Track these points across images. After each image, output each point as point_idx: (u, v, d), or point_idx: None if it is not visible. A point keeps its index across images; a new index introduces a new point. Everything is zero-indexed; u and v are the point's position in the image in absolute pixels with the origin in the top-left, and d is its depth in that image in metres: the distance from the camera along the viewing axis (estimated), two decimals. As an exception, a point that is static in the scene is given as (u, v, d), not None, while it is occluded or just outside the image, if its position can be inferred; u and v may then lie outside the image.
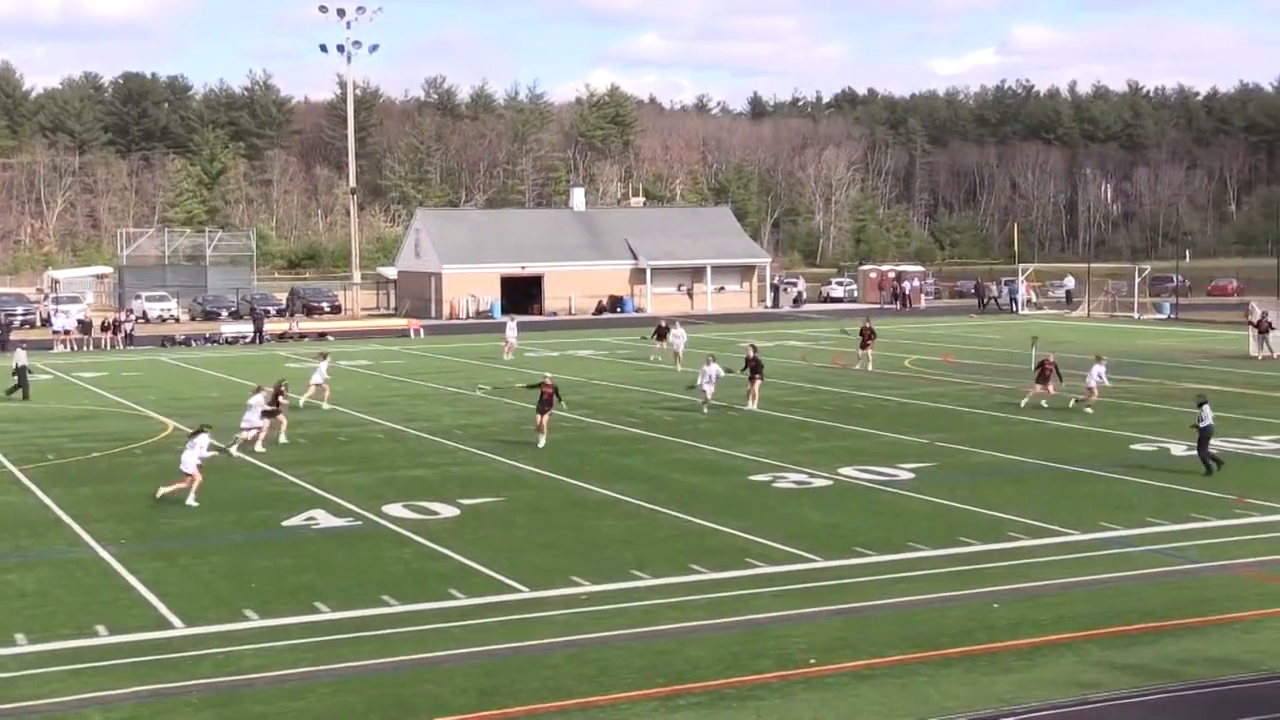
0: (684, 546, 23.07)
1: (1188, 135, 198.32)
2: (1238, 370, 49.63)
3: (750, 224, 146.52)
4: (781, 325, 76.02)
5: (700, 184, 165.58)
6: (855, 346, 52.75)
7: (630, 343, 64.27)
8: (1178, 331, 68.28)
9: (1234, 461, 30.47)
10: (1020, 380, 46.84)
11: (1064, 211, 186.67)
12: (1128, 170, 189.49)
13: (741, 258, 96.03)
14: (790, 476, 29.28)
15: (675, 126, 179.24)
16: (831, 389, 44.26)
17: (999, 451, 32.10)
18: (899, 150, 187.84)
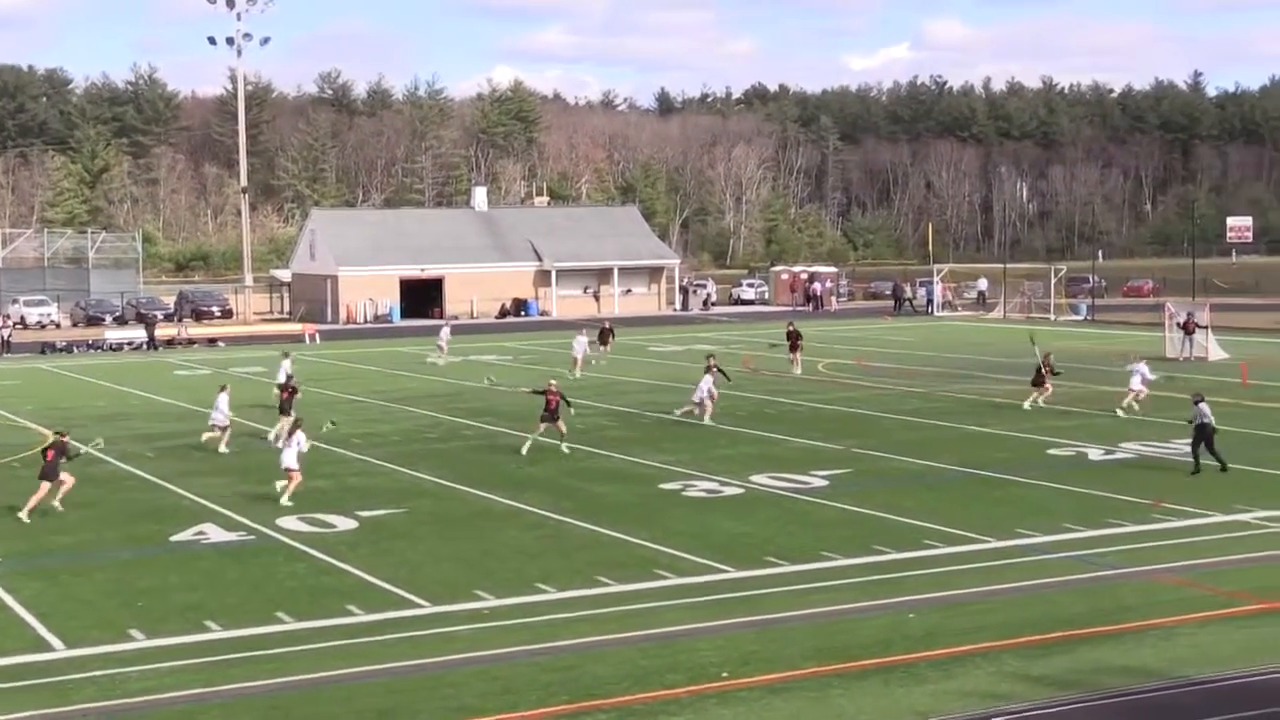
0: (591, 558, 23.05)
1: (1103, 133, 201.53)
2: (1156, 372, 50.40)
3: (658, 224, 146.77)
4: (691, 328, 76.25)
5: (607, 183, 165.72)
6: (784, 353, 53.13)
7: (535, 347, 64.17)
8: (1094, 333, 69.30)
9: (1151, 466, 30.99)
10: (934, 384, 47.34)
11: (979, 211, 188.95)
12: (1043, 169, 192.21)
13: (649, 259, 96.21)
14: (701, 485, 29.37)
15: (581, 123, 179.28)
16: (743, 394, 44.45)
17: (914, 457, 32.41)
18: (811, 148, 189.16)
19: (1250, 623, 18.75)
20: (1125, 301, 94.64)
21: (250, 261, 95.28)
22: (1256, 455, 31.76)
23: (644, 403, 43.58)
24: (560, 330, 75.85)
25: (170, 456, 33.57)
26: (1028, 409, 39.55)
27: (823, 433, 36.28)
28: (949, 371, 51.74)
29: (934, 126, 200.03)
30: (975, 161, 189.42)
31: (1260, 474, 29.67)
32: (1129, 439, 34.40)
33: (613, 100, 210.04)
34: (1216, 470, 29.81)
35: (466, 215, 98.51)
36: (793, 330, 52.96)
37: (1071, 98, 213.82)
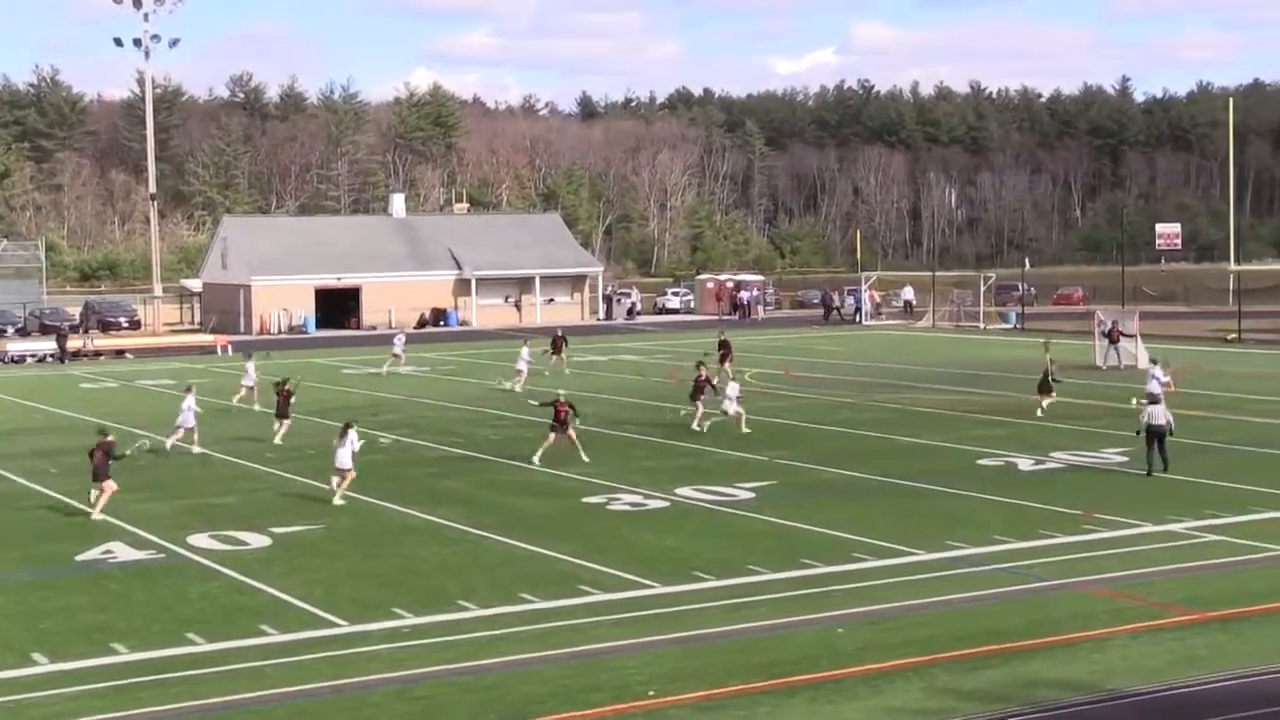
0: (513, 574, 22.99)
1: (1031, 138, 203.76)
2: (1086, 381, 51.04)
3: (581, 231, 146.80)
4: (615, 338, 76.28)
5: (528, 189, 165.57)
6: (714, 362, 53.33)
7: (455, 358, 63.98)
8: (1024, 342, 69.93)
9: (1082, 475, 31.34)
10: (863, 394, 47.64)
11: (907, 218, 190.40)
12: (972, 175, 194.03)
13: (572, 267, 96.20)
14: (625, 498, 29.38)
15: (502, 128, 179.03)
16: (669, 404, 44.50)
17: (842, 468, 32.59)
18: (736, 154, 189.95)
19: (1181, 634, 19.00)
20: (1055, 309, 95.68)
21: (159, 271, 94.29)
22: (1185, 465, 32.20)
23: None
24: (480, 341, 75.67)
25: (76, 473, 33.14)
26: (1040, 416, 39.93)
27: (749, 444, 36.40)
28: (877, 381, 52.09)
29: (861, 132, 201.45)
30: (903, 167, 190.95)
31: (1189, 483, 30.08)
32: (1059, 448, 34.77)
33: (534, 104, 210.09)
34: (1155, 470, 30.67)
35: (384, 223, 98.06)
36: (724, 340, 53.26)
37: (1000, 103, 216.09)
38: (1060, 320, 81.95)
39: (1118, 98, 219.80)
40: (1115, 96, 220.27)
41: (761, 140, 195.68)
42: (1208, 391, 46.84)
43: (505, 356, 65.42)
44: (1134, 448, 34.61)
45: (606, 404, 45.84)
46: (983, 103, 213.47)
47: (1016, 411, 42.14)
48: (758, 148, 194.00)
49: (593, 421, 41.38)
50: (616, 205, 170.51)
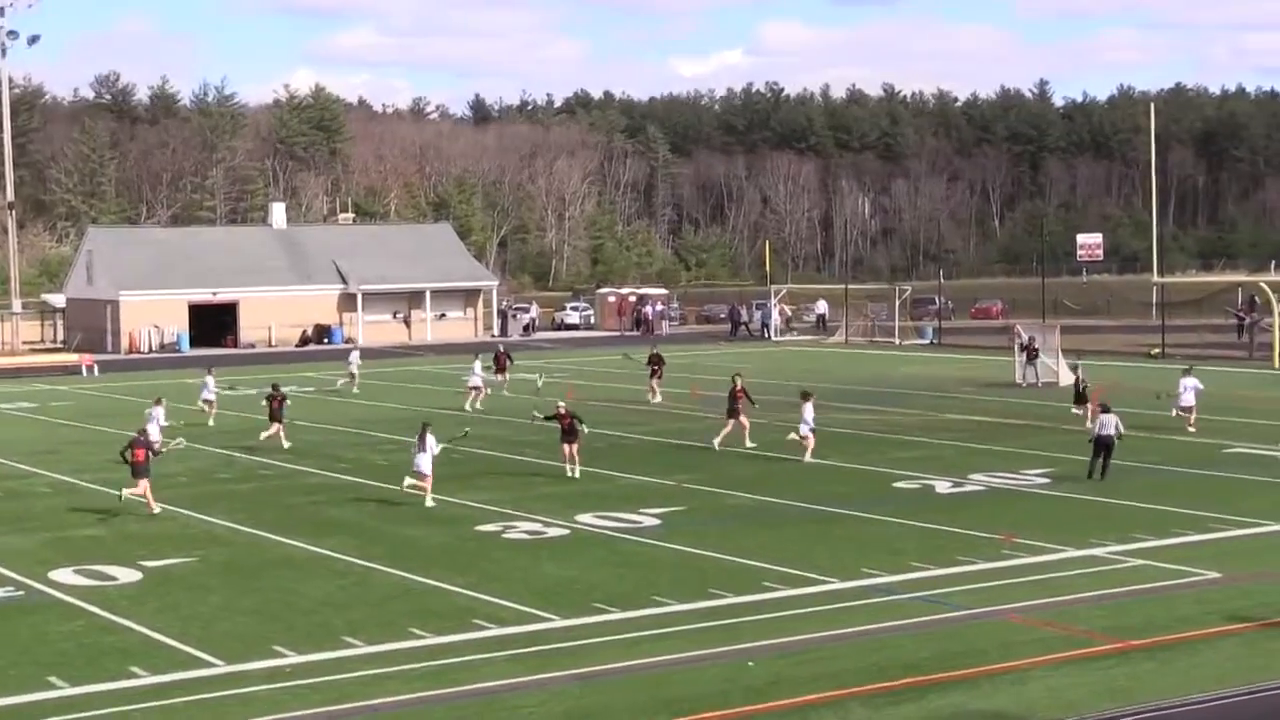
0: (403, 608, 22.85)
1: (948, 145, 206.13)
2: (1004, 399, 51.63)
3: (474, 243, 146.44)
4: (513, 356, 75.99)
5: (418, 198, 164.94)
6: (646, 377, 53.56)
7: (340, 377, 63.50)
8: (941, 358, 70.72)
9: (1002, 498, 31.67)
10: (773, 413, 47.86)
11: (819, 228, 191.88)
12: (886, 182, 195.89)
13: (465, 281, 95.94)
14: (522, 526, 29.29)
15: (389, 133, 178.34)
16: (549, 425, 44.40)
17: (752, 493, 32.70)
18: (639, 160, 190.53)
19: (1105, 663, 19.23)
20: (973, 324, 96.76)
21: (18, 285, 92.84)
22: (1109, 486, 32.64)
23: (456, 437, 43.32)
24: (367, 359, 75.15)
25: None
26: (1085, 422, 40.78)
27: (654, 467, 36.45)
28: (788, 400, 52.32)
29: (770, 137, 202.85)
30: (814, 175, 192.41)
31: (1113, 505, 30.48)
32: (977, 470, 35.13)
33: (424, 108, 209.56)
34: (1094, 476, 32.46)
35: (263, 234, 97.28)
36: (656, 354, 53.58)
37: (915, 107, 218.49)
38: (978, 335, 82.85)
39: (1036, 102, 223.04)
40: (1034, 101, 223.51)
41: (665, 146, 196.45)
42: (1131, 409, 47.43)
43: (396, 375, 65.14)
44: (1056, 469, 35.07)
45: (504, 426, 45.71)
46: (897, 107, 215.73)
47: (933, 431, 42.51)
48: (661, 154, 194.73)
49: (486, 444, 41.26)
50: (512, 215, 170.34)
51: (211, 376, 49.16)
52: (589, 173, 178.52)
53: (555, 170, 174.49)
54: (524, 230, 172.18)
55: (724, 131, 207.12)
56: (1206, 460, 36.34)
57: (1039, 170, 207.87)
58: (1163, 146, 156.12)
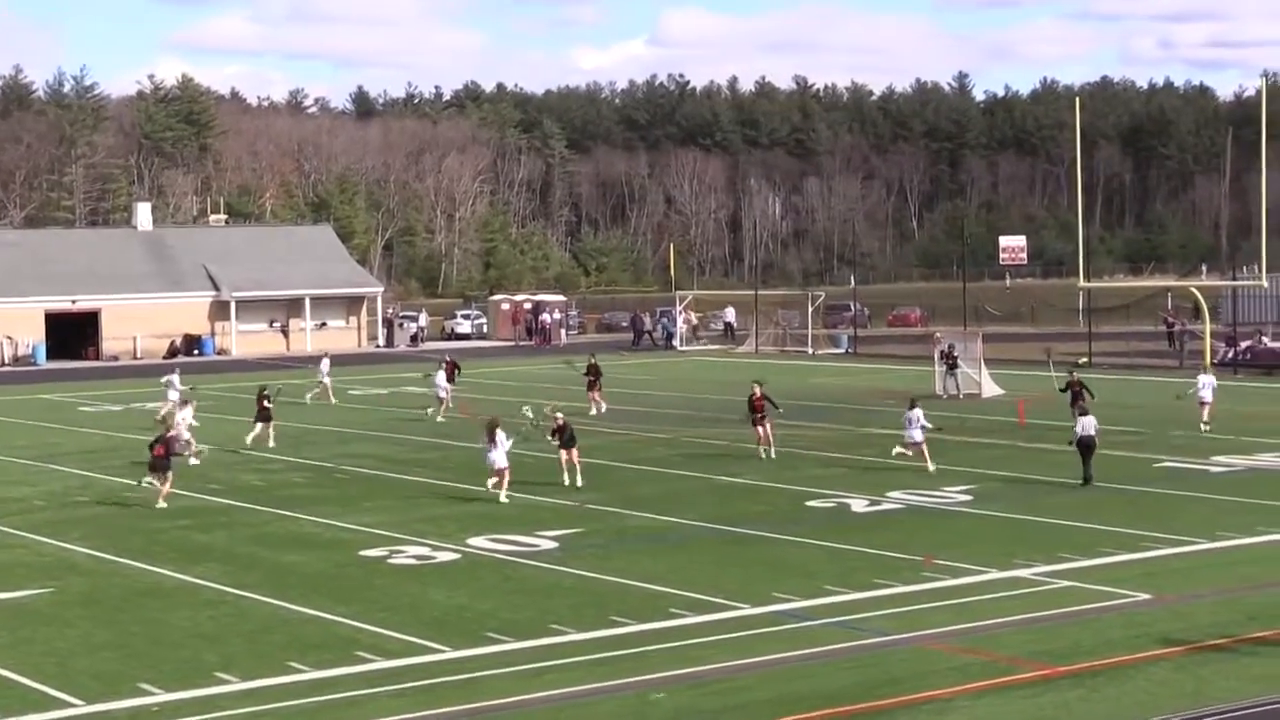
0: (280, 640, 22.66)
1: (863, 141, 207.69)
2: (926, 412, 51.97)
3: (357, 246, 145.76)
4: (397, 368, 75.69)
5: (296, 198, 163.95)
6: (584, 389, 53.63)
7: (212, 392, 62.96)
8: (857, 368, 71.14)
9: (921, 517, 31.90)
10: (679, 428, 47.95)
11: (727, 230, 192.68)
12: (797, 181, 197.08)
13: (347, 287, 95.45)
14: (409, 550, 29.15)
15: (265, 128, 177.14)
16: (458, 443, 44.32)
17: (657, 513, 32.73)
18: (534, 157, 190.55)
19: (1031, 691, 19.39)
20: (891, 332, 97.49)
21: None
22: (1036, 504, 32.98)
23: (339, 455, 43.14)
24: (242, 372, 74.55)
25: None
26: None
27: (551, 487, 36.39)
28: (695, 414, 52.48)
29: (674, 133, 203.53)
30: (721, 173, 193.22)
31: (1038, 524, 30.78)
32: (895, 487, 35.35)
33: (302, 101, 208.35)
34: (1078, 485, 34.03)
35: (127, 236, 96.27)
36: (593, 364, 53.70)
37: (828, 101, 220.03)
38: (896, 343, 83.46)
39: (956, 96, 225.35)
40: (953, 95, 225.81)
41: (562, 142, 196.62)
42: (1057, 422, 47.96)
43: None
44: (978, 486, 35.38)
45: (389, 444, 45.49)
46: (809, 101, 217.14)
47: (849, 446, 42.75)
48: (558, 151, 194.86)
49: (372, 463, 41.05)
50: (398, 216, 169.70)
51: (177, 375, 51.10)
52: (481, 171, 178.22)
53: (444, 168, 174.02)
54: (411, 233, 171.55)
55: (625, 127, 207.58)
56: (1137, 476, 36.79)
57: (959, 168, 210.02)
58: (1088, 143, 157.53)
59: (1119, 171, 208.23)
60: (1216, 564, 27.00)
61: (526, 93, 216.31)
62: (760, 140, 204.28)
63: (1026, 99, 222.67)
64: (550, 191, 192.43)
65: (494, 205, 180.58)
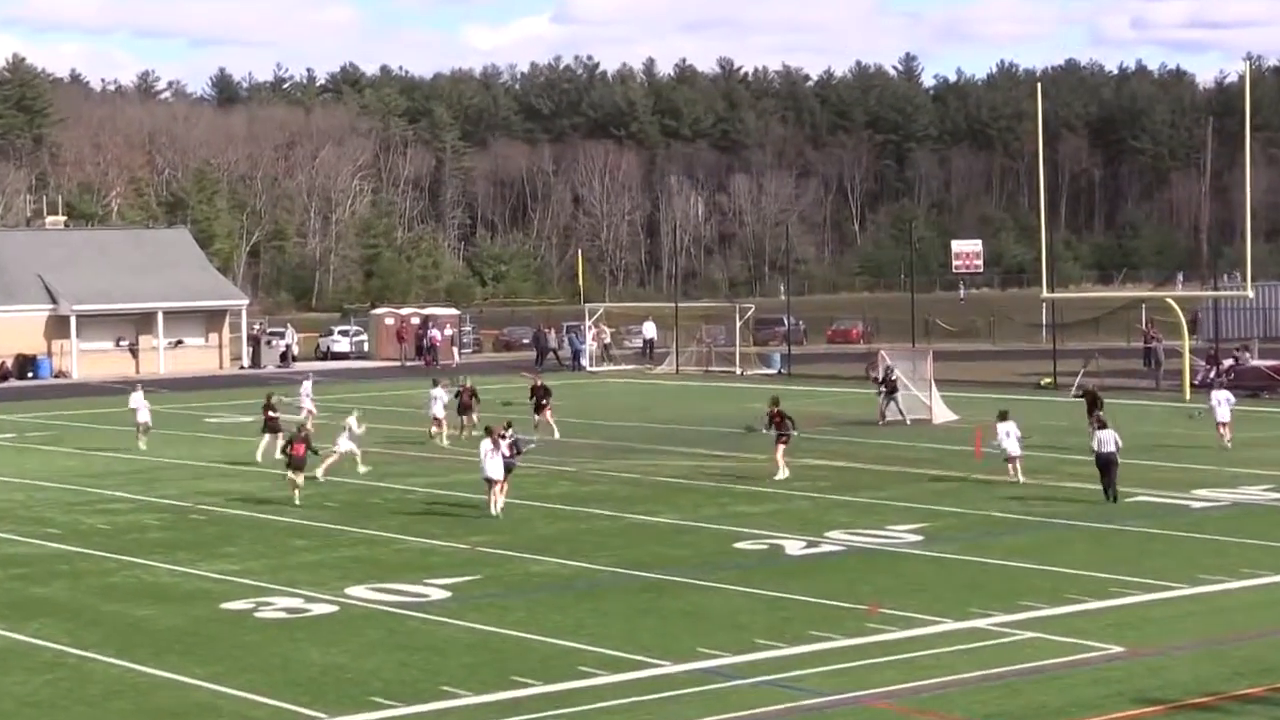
0: (128, 708, 22.48)
1: (798, 133, 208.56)
2: (867, 440, 52.26)
3: (218, 253, 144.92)
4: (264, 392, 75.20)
5: (147, 197, 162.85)
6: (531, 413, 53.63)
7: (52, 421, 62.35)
8: (792, 390, 71.25)
9: (866, 560, 32.01)
10: (589, 460, 47.90)
11: (643, 234, 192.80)
12: (723, 179, 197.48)
13: (207, 299, 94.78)
14: (279, 601, 28.99)
15: (110, 116, 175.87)
16: (340, 478, 44.12)
17: (563, 557, 32.68)
18: (423, 151, 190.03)
19: (991, 758, 19.50)
20: (830, 349, 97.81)
21: None
22: (995, 545, 33.18)
23: (197, 493, 42.82)
24: (85, 397, 73.91)
25: None
26: None
27: (442, 527, 36.29)
28: (607, 443, 52.46)
29: (582, 124, 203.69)
30: (636, 169, 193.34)
31: (1001, 568, 30.96)
32: (836, 526, 35.46)
33: (153, 85, 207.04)
34: (1103, 500, 35.85)
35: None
36: (539, 386, 53.76)
37: (757, 88, 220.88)
38: (836, 362, 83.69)
39: (902, 82, 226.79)
40: (899, 81, 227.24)
41: (455, 134, 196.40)
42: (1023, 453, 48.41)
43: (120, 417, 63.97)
44: (929, 524, 35.57)
45: (254, 479, 45.22)
46: (735, 87, 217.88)
47: (781, 480, 42.84)
48: (450, 143, 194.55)
49: (237, 502, 40.78)
50: (265, 218, 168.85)
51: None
52: (361, 166, 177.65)
53: (319, 163, 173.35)
54: (281, 237, 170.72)
55: (526, 116, 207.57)
56: (1107, 511, 37.06)
57: (906, 164, 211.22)
58: (1051, 135, 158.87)
59: (1087, 167, 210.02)
60: (1197, 612, 27.24)
61: (413, 77, 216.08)
62: (680, 132, 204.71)
63: (982, 85, 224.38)
64: (441, 190, 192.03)
65: (376, 206, 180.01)
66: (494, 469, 37.11)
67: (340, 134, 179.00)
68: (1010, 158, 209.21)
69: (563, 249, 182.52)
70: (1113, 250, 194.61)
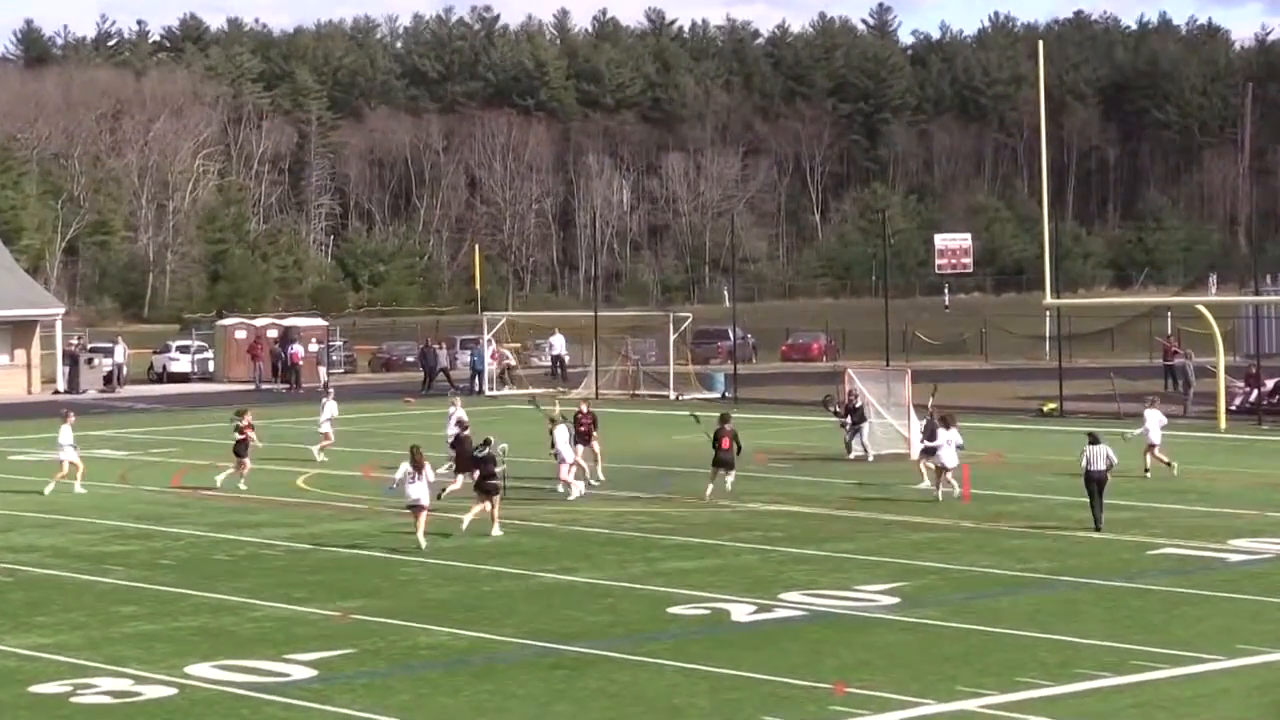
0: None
1: (746, 102, 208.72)
2: (831, 480, 52.32)
3: (26, 250, 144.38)
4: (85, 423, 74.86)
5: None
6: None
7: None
8: (739, 418, 71.24)
9: (829, 628, 32.03)
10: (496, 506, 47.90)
11: (556, 225, 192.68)
12: (654, 158, 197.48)
13: (11, 308, 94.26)
14: (102, 683, 28.80)
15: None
16: (179, 528, 43.93)
17: (457, 626, 32.57)
18: (282, 123, 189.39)
19: None
20: (785, 368, 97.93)
21: None
22: (988, 608, 33.27)
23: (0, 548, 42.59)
24: None
25: None
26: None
27: (306, 589, 36.13)
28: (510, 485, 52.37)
29: (480, 90, 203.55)
30: (547, 147, 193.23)
31: (995, 636, 31.02)
32: (793, 586, 35.47)
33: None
34: (1094, 530, 36.34)
35: None
36: (460, 434, 54.23)
37: (695, 46, 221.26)
38: (793, 384, 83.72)
39: (873, 39, 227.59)
40: (870, 38, 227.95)
41: (321, 102, 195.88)
42: (1018, 494, 48.55)
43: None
44: (907, 582, 35.66)
45: (71, 530, 44.94)
46: (668, 46, 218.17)
47: (728, 529, 42.86)
48: (316, 113, 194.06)
49: (50, 559, 40.51)
50: (86, 207, 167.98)
51: (69, 425, 52.94)
52: (205, 142, 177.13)
53: (153, 139, 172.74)
54: (105, 230, 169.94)
55: (410, 81, 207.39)
56: (1125, 565, 37.22)
57: (878, 140, 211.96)
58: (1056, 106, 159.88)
59: (1099, 145, 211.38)
60: (1235, 690, 27.36)
61: (269, 32, 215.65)
62: (601, 101, 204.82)
63: (971, 44, 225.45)
64: (305, 172, 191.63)
65: (224, 192, 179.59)
66: (419, 492, 40.22)
67: (179, 103, 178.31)
68: (1006, 133, 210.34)
69: (456, 245, 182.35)
70: (1131, 246, 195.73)
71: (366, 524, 45.28)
